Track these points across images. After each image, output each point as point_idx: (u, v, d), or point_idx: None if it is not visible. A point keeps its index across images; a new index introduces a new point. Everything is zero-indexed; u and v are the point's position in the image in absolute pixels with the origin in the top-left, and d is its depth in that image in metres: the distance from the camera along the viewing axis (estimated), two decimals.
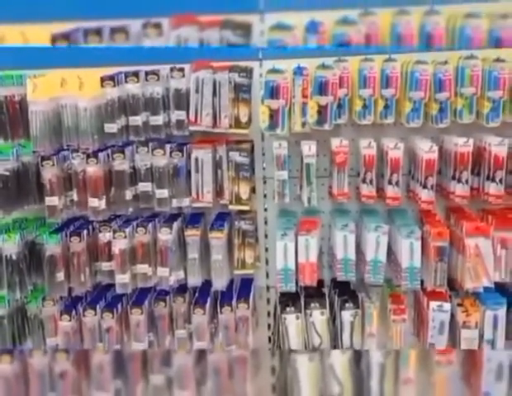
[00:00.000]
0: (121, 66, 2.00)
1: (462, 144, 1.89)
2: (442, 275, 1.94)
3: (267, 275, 2.23)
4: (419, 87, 1.88)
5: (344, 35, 1.83)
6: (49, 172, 1.98)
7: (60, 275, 2.02)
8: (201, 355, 2.00)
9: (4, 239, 2.01)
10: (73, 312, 2.06)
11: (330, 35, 1.85)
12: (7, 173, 1.99)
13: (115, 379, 2.00)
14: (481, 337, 1.96)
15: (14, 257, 2.02)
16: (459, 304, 1.98)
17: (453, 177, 1.93)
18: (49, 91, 1.94)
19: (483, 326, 1.96)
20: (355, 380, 1.93)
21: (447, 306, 1.96)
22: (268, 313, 2.25)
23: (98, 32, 1.92)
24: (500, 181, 1.89)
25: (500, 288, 1.98)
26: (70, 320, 2.05)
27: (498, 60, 1.83)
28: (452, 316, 1.98)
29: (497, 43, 1.82)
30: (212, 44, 1.89)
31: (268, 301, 2.25)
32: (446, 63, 1.86)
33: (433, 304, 1.96)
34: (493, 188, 1.90)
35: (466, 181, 1.91)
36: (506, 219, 1.95)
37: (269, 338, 2.24)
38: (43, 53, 1.94)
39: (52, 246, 2.01)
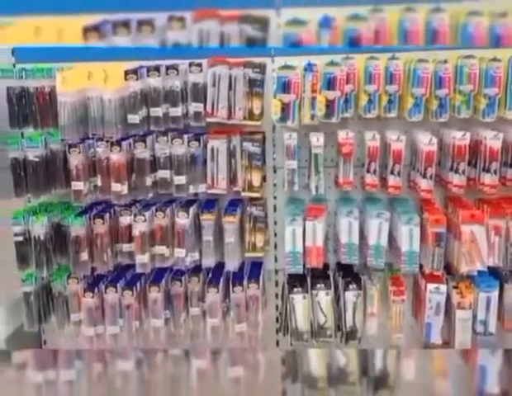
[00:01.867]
0: (144, 60, 2.10)
1: (459, 138, 2.00)
2: (439, 260, 2.05)
3: (276, 259, 2.33)
4: (421, 83, 1.97)
5: (355, 30, 1.91)
6: (76, 159, 2.08)
7: (84, 255, 2.14)
8: (226, 294, 2.20)
9: (33, 221, 2.13)
10: (96, 289, 2.19)
11: (342, 30, 1.92)
12: (37, 160, 2.11)
13: (165, 310, 2.22)
14: (475, 317, 2.07)
15: (42, 238, 2.14)
16: (455, 287, 2.09)
17: (451, 168, 2.03)
18: (77, 84, 2.04)
19: (477, 307, 2.07)
20: (335, 313, 2.13)
21: (443, 288, 2.07)
22: (276, 295, 2.35)
23: (126, 24, 1.98)
24: (495, 172, 2.00)
25: (493, 272, 2.09)
26: (93, 297, 2.18)
27: (494, 60, 1.94)
28: (448, 297, 2.09)
29: (497, 40, 1.90)
30: (232, 37, 1.95)
31: (277, 283, 2.35)
32: (446, 61, 1.96)
33: (431, 286, 2.07)
34: (488, 179, 2.01)
35: (464, 172, 2.02)
36: (500, 208, 2.05)
37: (276, 318, 2.34)
38: (72, 47, 2.06)
39: (77, 227, 2.12)
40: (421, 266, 2.11)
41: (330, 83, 2.01)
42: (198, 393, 1.80)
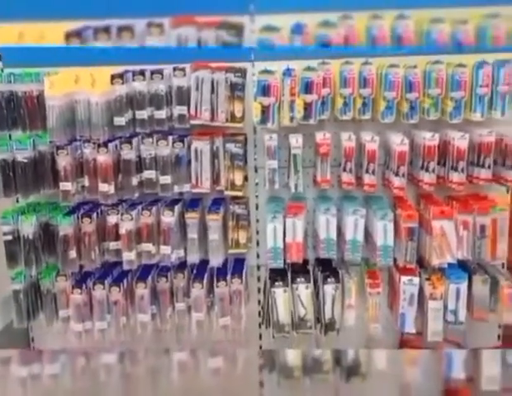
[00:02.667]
0: (129, 65, 2.16)
1: (429, 138, 2.10)
2: (412, 253, 2.15)
3: (258, 255, 2.42)
4: (392, 87, 2.07)
5: (326, 35, 2.01)
6: (64, 160, 2.13)
7: (72, 253, 2.20)
8: (211, 289, 2.27)
9: (22, 220, 2.18)
10: (84, 286, 2.25)
11: (313, 35, 2.02)
12: (25, 161, 2.16)
13: (151, 306, 2.29)
14: (446, 307, 2.18)
15: (31, 237, 2.19)
16: (427, 279, 2.19)
17: (422, 167, 2.14)
18: (64, 88, 2.09)
19: (447, 298, 2.17)
20: (315, 306, 2.22)
21: (416, 280, 2.17)
22: (259, 290, 2.43)
23: (106, 30, 2.06)
24: (462, 170, 2.11)
25: (462, 264, 2.21)
26: (81, 293, 2.24)
27: (460, 65, 2.05)
28: (421, 289, 2.19)
29: (459, 46, 2.02)
30: (209, 42, 2.04)
31: (259, 279, 2.44)
32: (415, 67, 2.06)
33: (404, 279, 2.18)
34: (456, 177, 2.12)
35: (433, 171, 2.12)
36: (468, 205, 2.17)
37: (259, 312, 2.42)
38: (59, 52, 2.12)
39: (65, 226, 2.18)
40: (395, 260, 2.21)
41: (308, 87, 2.09)
42: (179, 383, 1.86)
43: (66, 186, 2.16)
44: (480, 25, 2.00)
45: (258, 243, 2.42)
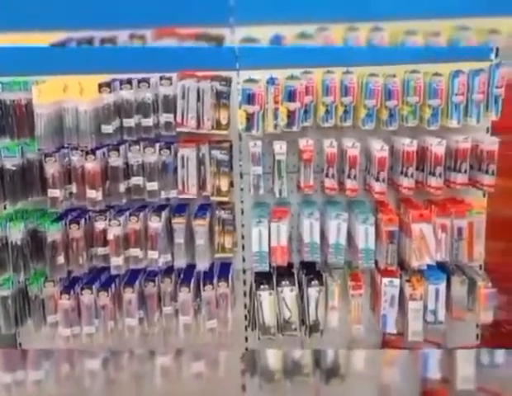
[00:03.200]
0: (117, 74, 2.21)
1: (408, 144, 2.17)
2: (392, 256, 2.21)
3: (244, 259, 2.46)
4: (372, 95, 2.14)
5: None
6: (52, 168, 2.15)
7: (60, 259, 2.22)
8: (197, 293, 2.30)
9: (10, 227, 2.20)
10: (72, 291, 2.27)
11: (282, 86, 2.09)
12: (14, 168, 2.18)
13: (139, 310, 2.32)
14: (425, 307, 2.24)
15: (19, 243, 2.21)
16: (407, 280, 2.26)
17: (401, 172, 2.20)
18: (53, 96, 2.12)
19: (427, 298, 2.24)
20: (299, 308, 2.27)
21: (396, 282, 2.23)
22: (245, 293, 2.48)
23: (89, 42, 2.11)
24: (440, 175, 2.18)
25: (440, 266, 2.27)
26: (69, 299, 2.26)
27: (436, 74, 2.12)
28: (401, 290, 2.25)
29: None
30: (205, 91, 2.10)
31: (244, 282, 2.48)
32: (394, 76, 2.13)
33: (385, 280, 2.24)
34: (434, 181, 2.19)
35: (412, 176, 2.19)
36: (446, 208, 2.24)
37: (245, 316, 2.47)
38: (47, 60, 2.17)
39: (53, 233, 2.20)
40: (377, 262, 2.27)
41: (291, 95, 2.14)
42: (162, 387, 1.89)
43: (54, 192, 2.18)
44: (452, 37, 2.09)
45: (243, 247, 2.46)
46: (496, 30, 2.08)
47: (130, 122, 2.18)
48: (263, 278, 2.30)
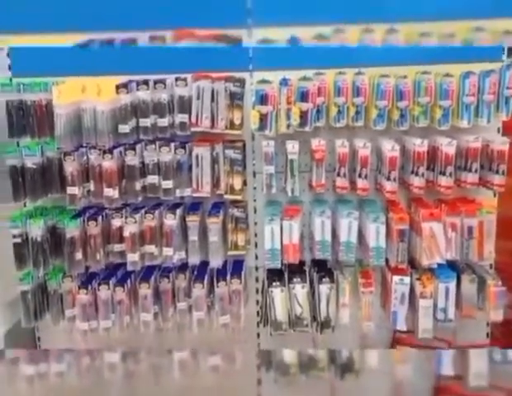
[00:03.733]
0: (134, 75, 2.26)
1: (419, 144, 2.19)
2: (403, 254, 2.23)
3: (256, 257, 2.50)
4: (384, 96, 2.17)
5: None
6: (71, 166, 2.21)
7: (78, 255, 2.28)
8: (211, 289, 2.35)
9: (30, 224, 2.27)
10: (89, 287, 2.33)
11: (295, 87, 2.12)
12: (34, 167, 2.25)
13: (154, 305, 2.36)
14: (436, 305, 2.26)
15: (39, 239, 2.28)
16: (417, 278, 2.28)
17: (412, 172, 2.22)
18: (72, 97, 2.18)
19: (437, 296, 2.26)
20: (311, 305, 2.31)
21: (407, 279, 2.26)
22: (257, 290, 2.52)
23: (146, 83, 2.19)
24: (450, 174, 2.20)
25: (450, 264, 2.29)
26: (87, 294, 2.32)
27: (447, 75, 2.15)
28: (412, 288, 2.28)
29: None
30: (219, 92, 2.15)
31: (257, 279, 2.52)
32: (405, 76, 2.16)
33: (396, 278, 2.26)
34: (444, 181, 2.21)
35: (423, 175, 2.21)
36: (456, 207, 2.26)
37: (257, 312, 2.51)
38: (67, 62, 2.25)
39: (72, 229, 2.26)
40: (387, 260, 2.29)
41: (303, 96, 2.18)
42: (179, 381, 1.93)
43: (73, 190, 2.24)
44: (466, 38, 2.11)
45: (256, 245, 2.50)
46: (511, 31, 2.09)
47: (146, 122, 2.23)
48: (275, 275, 2.34)
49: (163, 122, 2.23)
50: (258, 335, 2.55)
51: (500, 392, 1.95)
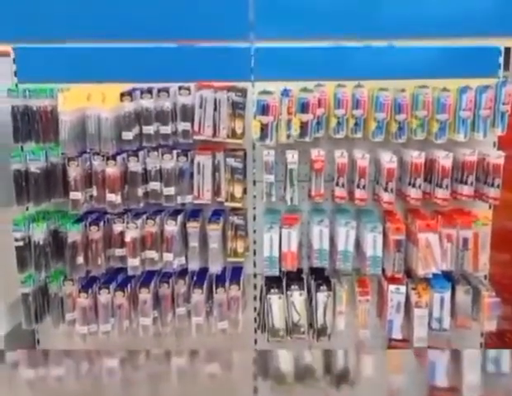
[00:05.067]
0: (138, 83, 2.31)
1: (416, 156, 2.24)
2: (399, 264, 2.27)
3: (255, 264, 2.53)
4: (383, 109, 2.21)
5: (305, 98, 2.22)
6: (74, 171, 2.25)
7: (80, 259, 2.31)
8: (210, 295, 2.38)
9: (33, 227, 2.30)
10: (90, 290, 2.36)
11: (296, 97, 2.22)
12: (38, 171, 2.28)
13: (153, 310, 2.40)
14: (431, 315, 2.31)
15: (41, 243, 2.31)
16: (413, 288, 2.32)
17: (409, 183, 2.27)
18: (76, 103, 2.21)
19: (432, 306, 2.30)
20: (308, 312, 2.35)
21: (403, 289, 2.30)
22: (255, 297, 2.54)
23: (150, 91, 2.25)
24: (446, 187, 2.24)
25: (446, 275, 2.33)
26: (87, 297, 2.35)
27: (444, 90, 2.20)
28: (407, 297, 2.32)
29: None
30: (222, 102, 2.25)
31: (255, 287, 2.54)
32: (404, 90, 2.21)
33: (392, 287, 2.30)
34: (441, 193, 2.26)
35: (420, 187, 2.26)
36: (452, 219, 2.30)
37: (255, 319, 2.54)
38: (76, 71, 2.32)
39: (74, 233, 2.29)
40: (384, 270, 2.33)
41: (304, 107, 2.22)
42: (175, 388, 1.95)
43: (76, 195, 2.27)
44: (413, 93, 2.26)
45: (254, 252, 2.53)
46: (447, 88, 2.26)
47: (149, 129, 2.26)
48: (273, 282, 2.37)
49: (166, 130, 2.27)
50: (256, 341, 2.58)
51: None
